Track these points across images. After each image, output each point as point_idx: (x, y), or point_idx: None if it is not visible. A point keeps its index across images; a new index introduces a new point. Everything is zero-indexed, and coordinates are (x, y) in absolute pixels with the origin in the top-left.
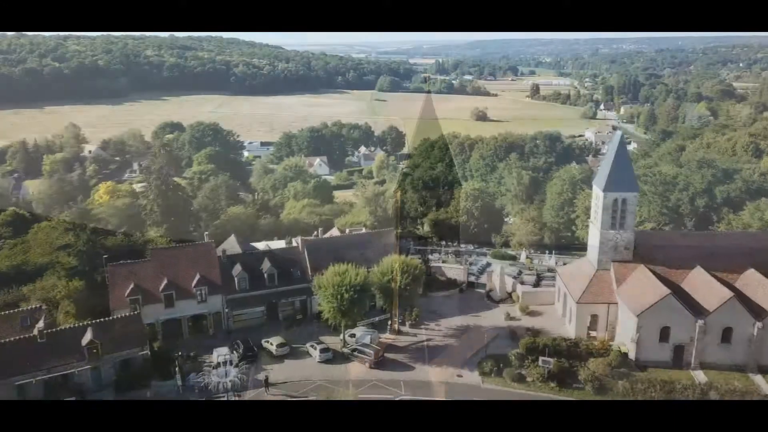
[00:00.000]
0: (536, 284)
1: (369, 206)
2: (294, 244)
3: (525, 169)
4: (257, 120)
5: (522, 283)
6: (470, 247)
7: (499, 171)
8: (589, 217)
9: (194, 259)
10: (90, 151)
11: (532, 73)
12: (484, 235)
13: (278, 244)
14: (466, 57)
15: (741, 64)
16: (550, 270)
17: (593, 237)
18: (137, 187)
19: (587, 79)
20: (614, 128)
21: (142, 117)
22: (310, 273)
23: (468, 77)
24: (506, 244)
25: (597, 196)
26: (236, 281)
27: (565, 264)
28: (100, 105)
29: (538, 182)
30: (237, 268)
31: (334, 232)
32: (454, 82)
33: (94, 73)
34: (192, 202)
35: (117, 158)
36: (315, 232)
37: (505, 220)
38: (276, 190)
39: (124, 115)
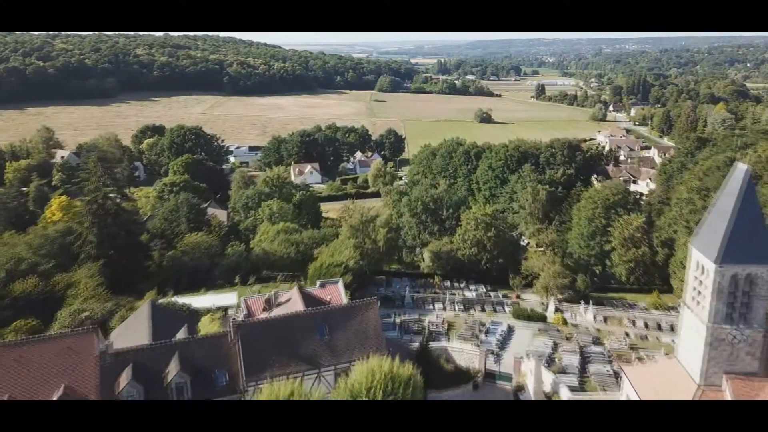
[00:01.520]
0: (582, 370)
1: (355, 237)
2: (249, 298)
3: (541, 182)
4: (249, 122)
5: (563, 371)
6: (481, 289)
7: (511, 184)
8: (628, 249)
9: (56, 361)
10: (62, 157)
11: (536, 73)
12: (499, 272)
13: (225, 298)
14: (468, 57)
15: (748, 64)
16: (596, 341)
17: (692, 331)
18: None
19: (593, 80)
20: (628, 131)
21: (128, 118)
22: (243, 379)
23: (470, 77)
24: (529, 285)
25: (701, 268)
26: (123, 398)
27: (606, 320)
28: (86, 106)
29: (556, 198)
30: (126, 375)
31: (293, 295)
32: (456, 82)
33: (81, 73)
34: (142, 227)
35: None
36: (268, 294)
37: (520, 241)
38: (248, 209)
39: (110, 117)
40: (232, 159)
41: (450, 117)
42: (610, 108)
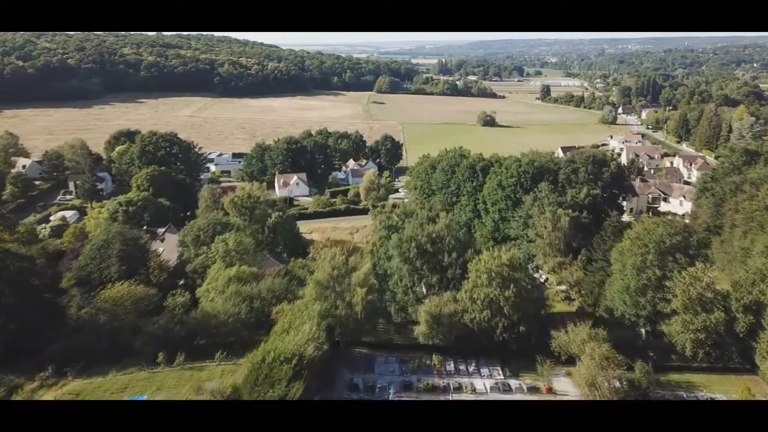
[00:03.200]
0: None
1: (323, 299)
2: None
3: (561, 204)
4: (238, 125)
5: None
6: (497, 374)
7: (525, 207)
8: (695, 313)
9: None
10: (24, 167)
11: (538, 73)
12: (520, 342)
13: None
14: (469, 57)
15: (755, 65)
16: None
17: None
18: (55, 221)
19: (597, 80)
20: (642, 136)
21: (111, 121)
22: None
23: (472, 77)
24: (565, 362)
25: None
26: None
27: None
28: (67, 108)
29: (580, 224)
30: None
31: None
32: (458, 82)
33: (63, 73)
34: (46, 276)
35: (55, 173)
36: None
37: (536, 276)
38: (200, 244)
39: (91, 120)
40: (213, 168)
41: (451, 120)
42: (619, 110)
